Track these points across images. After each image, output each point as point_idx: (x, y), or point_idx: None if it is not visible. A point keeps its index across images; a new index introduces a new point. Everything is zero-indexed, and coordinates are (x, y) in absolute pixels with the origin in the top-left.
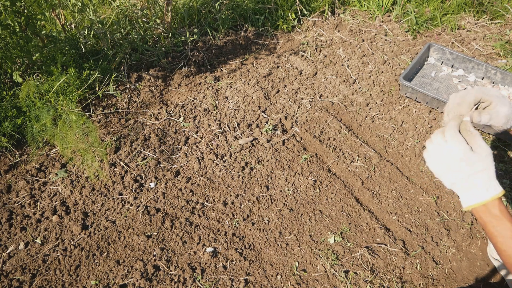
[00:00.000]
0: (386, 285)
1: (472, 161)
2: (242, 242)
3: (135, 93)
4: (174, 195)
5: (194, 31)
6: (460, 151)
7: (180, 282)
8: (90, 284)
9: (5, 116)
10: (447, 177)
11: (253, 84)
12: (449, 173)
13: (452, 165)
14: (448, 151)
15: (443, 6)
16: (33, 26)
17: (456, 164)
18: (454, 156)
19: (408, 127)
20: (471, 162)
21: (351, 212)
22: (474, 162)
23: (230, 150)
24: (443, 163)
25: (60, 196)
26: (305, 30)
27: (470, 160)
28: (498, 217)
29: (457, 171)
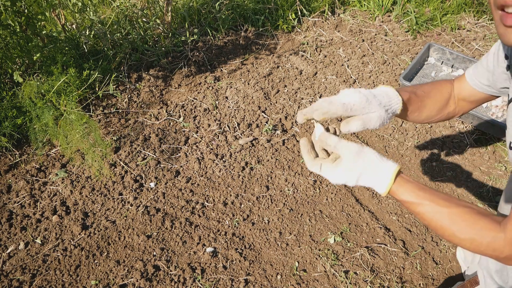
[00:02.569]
0: (386, 285)
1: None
2: (242, 242)
3: (135, 93)
4: (174, 195)
5: (194, 31)
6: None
7: (180, 282)
8: (90, 284)
9: (5, 116)
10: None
11: (253, 84)
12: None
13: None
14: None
15: (443, 6)
16: (34, 26)
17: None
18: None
19: (408, 127)
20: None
21: (351, 212)
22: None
23: (230, 150)
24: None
25: (60, 196)
26: (305, 30)
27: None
28: (401, 201)
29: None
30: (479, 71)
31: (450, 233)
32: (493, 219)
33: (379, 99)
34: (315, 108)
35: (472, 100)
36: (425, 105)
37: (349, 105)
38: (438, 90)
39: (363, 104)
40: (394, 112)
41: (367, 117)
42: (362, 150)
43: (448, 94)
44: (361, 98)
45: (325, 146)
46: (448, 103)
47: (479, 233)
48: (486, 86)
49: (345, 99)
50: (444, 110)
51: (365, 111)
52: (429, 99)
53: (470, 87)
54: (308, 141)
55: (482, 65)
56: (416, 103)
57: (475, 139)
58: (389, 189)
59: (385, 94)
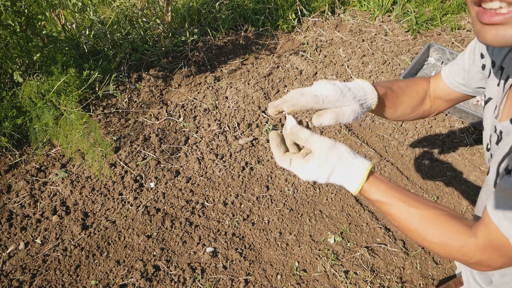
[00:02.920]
0: (386, 285)
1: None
2: (242, 242)
3: (135, 93)
4: (174, 195)
5: (194, 31)
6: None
7: (180, 282)
8: (90, 284)
9: (5, 116)
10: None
11: (253, 84)
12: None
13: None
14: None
15: (443, 6)
16: (34, 26)
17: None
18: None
19: (408, 127)
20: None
21: (351, 212)
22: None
23: (230, 150)
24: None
25: (60, 196)
26: (305, 30)
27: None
28: (373, 201)
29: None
30: (455, 69)
31: (421, 236)
32: (465, 223)
33: (353, 93)
34: (286, 99)
35: (448, 99)
36: (400, 102)
37: (321, 97)
38: (414, 87)
39: (337, 97)
40: (369, 107)
41: (341, 111)
42: (335, 145)
43: (424, 92)
44: (335, 90)
45: (296, 140)
46: (424, 101)
47: (451, 236)
48: (462, 85)
49: (318, 91)
50: (420, 108)
51: (338, 104)
52: (404, 96)
53: (445, 85)
54: (278, 135)
55: (457, 64)
56: (392, 99)
57: (475, 139)
58: (360, 188)
59: (361, 88)
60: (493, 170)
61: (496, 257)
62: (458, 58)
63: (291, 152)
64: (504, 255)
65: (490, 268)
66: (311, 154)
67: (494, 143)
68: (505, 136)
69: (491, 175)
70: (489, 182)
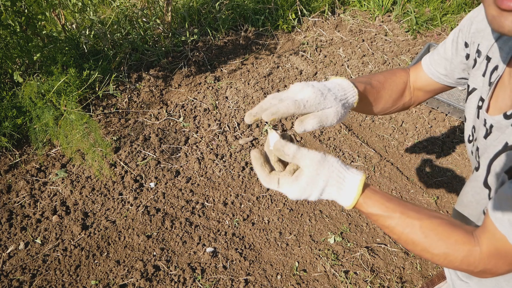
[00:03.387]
0: (386, 285)
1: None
2: (242, 242)
3: (135, 93)
4: (174, 195)
5: (194, 31)
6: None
7: (180, 282)
8: (90, 284)
9: (5, 116)
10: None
11: (253, 84)
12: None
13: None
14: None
15: (443, 6)
16: (34, 26)
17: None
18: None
19: (408, 127)
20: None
21: (351, 212)
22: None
23: (230, 150)
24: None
25: (60, 196)
26: (305, 30)
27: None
28: (368, 215)
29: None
30: (435, 59)
31: (422, 248)
32: (466, 231)
33: (334, 93)
34: (264, 107)
35: (428, 90)
36: (381, 97)
37: (302, 102)
38: (393, 80)
39: (318, 99)
40: (350, 105)
41: (323, 114)
42: (325, 158)
43: (404, 84)
44: (316, 93)
45: (282, 156)
46: (404, 94)
47: (454, 247)
48: (443, 76)
49: (297, 95)
50: (400, 101)
51: (320, 107)
52: (384, 90)
53: (426, 76)
54: (261, 154)
55: (439, 53)
56: (372, 94)
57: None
58: (355, 202)
59: (340, 86)
60: (484, 167)
61: (502, 265)
62: (439, 47)
63: (277, 170)
64: (511, 263)
65: (495, 275)
66: (299, 170)
67: (481, 137)
68: (496, 131)
69: (481, 171)
70: (479, 179)
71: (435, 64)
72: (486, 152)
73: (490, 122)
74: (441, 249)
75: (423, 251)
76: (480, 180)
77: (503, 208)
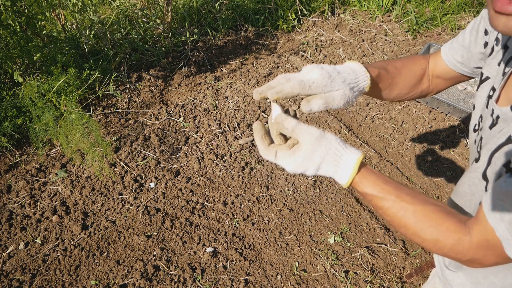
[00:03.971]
0: (386, 285)
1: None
2: (242, 242)
3: (135, 93)
4: (174, 195)
5: (194, 31)
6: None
7: (180, 282)
8: (90, 284)
9: (5, 116)
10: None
11: (253, 84)
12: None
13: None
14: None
15: (443, 6)
16: (34, 26)
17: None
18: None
19: (408, 127)
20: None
21: (351, 212)
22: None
23: (230, 150)
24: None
25: (60, 196)
26: (305, 30)
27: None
28: (364, 194)
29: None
30: (454, 46)
31: (413, 232)
32: (458, 219)
33: (343, 76)
34: (272, 85)
35: (446, 78)
36: (396, 83)
37: (308, 82)
38: (411, 66)
39: (325, 81)
40: (361, 90)
41: (330, 96)
42: (323, 135)
43: (422, 70)
44: (323, 75)
45: (282, 130)
46: (422, 81)
47: (444, 234)
48: (459, 64)
49: (305, 76)
50: (417, 88)
51: (327, 89)
52: (400, 76)
53: (444, 63)
54: (262, 126)
55: (457, 41)
56: (386, 80)
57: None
58: (351, 180)
59: (351, 70)
60: (485, 158)
61: (490, 256)
62: (459, 35)
63: (276, 143)
64: (499, 255)
65: (483, 265)
66: (298, 145)
67: (486, 127)
68: (502, 122)
69: (482, 163)
70: (478, 170)
71: (453, 52)
72: (488, 143)
73: (497, 112)
74: (431, 235)
75: (414, 235)
76: (479, 171)
77: (495, 201)
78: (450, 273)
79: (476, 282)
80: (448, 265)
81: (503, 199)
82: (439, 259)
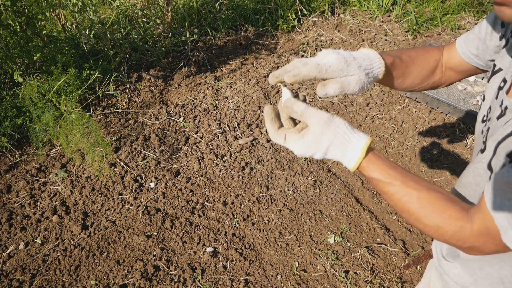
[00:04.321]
0: (386, 285)
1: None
2: (242, 242)
3: (135, 93)
4: (174, 195)
5: (194, 31)
6: None
7: (180, 282)
8: (90, 284)
9: (5, 116)
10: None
11: (253, 84)
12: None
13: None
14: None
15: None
16: (34, 26)
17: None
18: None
19: (408, 127)
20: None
21: (351, 212)
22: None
23: (230, 150)
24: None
25: (60, 196)
26: (305, 30)
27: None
28: (370, 179)
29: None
30: (470, 38)
31: (416, 217)
32: (461, 207)
33: (359, 62)
34: (288, 69)
35: (459, 71)
36: (410, 72)
37: (325, 66)
38: (424, 57)
39: (341, 65)
40: (375, 77)
41: (346, 80)
42: (332, 119)
43: (436, 61)
44: (339, 59)
45: (291, 113)
46: (435, 72)
47: (446, 221)
48: (474, 56)
49: (321, 59)
50: (430, 79)
51: (342, 73)
52: (414, 66)
53: (458, 55)
54: (273, 109)
55: (473, 33)
56: (400, 69)
57: (475, 139)
58: (358, 164)
59: (367, 57)
60: (491, 148)
61: (490, 244)
62: (475, 27)
63: (286, 127)
64: (498, 244)
65: (482, 253)
66: (306, 128)
67: (494, 118)
68: (509, 113)
69: (487, 153)
70: (483, 160)
71: (468, 43)
72: (495, 134)
73: (506, 103)
74: (434, 221)
75: (417, 220)
76: (484, 162)
77: (496, 190)
78: (446, 263)
79: (472, 273)
80: (445, 255)
81: (504, 189)
82: (437, 250)
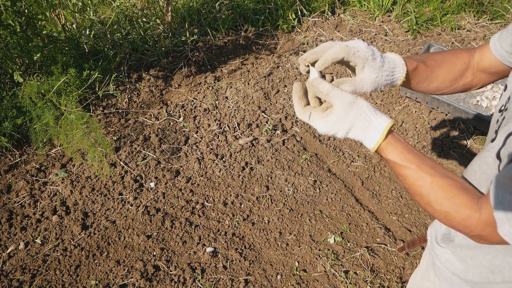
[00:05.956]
0: (386, 285)
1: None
2: (242, 242)
3: (135, 93)
4: (174, 195)
5: (194, 31)
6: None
7: (180, 282)
8: (90, 284)
9: (5, 116)
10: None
11: (253, 84)
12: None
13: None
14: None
15: (443, 6)
16: (34, 26)
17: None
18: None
19: (408, 127)
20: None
21: (351, 212)
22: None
23: (230, 150)
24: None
25: (60, 196)
26: (305, 30)
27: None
28: (387, 161)
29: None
30: (503, 35)
31: (427, 202)
32: (472, 196)
33: (384, 61)
34: (316, 50)
35: (491, 72)
36: (435, 76)
37: (353, 49)
38: (451, 60)
39: (368, 54)
40: (393, 82)
41: (360, 80)
42: (355, 101)
43: (465, 65)
44: (368, 48)
45: (317, 93)
46: (464, 75)
47: (456, 208)
48: (507, 54)
49: (350, 43)
50: (459, 82)
51: (367, 63)
52: (440, 70)
53: (491, 55)
54: (301, 87)
55: (507, 30)
56: (424, 73)
57: (475, 139)
58: (378, 145)
59: (391, 59)
60: (501, 138)
61: (496, 234)
62: (509, 26)
63: (312, 105)
64: (504, 235)
65: (489, 242)
66: (331, 108)
67: (511, 108)
68: None
69: (497, 143)
70: (492, 149)
71: (501, 41)
72: (507, 125)
73: None
74: (443, 207)
75: (427, 204)
76: (493, 151)
77: (500, 183)
78: (439, 248)
79: (463, 261)
80: (439, 241)
81: (507, 183)
82: (431, 235)
